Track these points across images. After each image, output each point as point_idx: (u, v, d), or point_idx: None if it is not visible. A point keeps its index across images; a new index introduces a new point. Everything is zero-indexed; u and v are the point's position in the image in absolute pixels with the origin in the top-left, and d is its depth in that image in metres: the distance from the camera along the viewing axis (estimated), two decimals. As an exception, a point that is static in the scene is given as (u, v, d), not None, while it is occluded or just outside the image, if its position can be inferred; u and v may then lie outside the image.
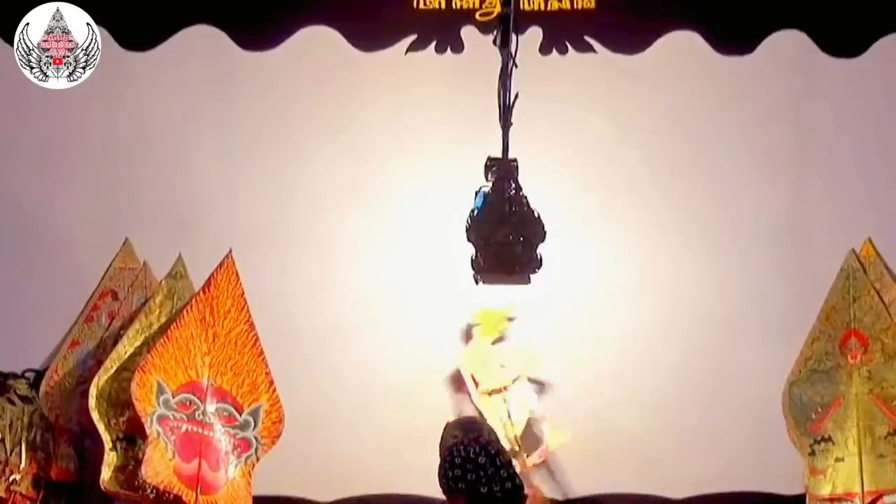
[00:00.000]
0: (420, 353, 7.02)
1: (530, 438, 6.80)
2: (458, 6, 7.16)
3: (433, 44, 7.17)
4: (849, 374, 6.15)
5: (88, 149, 7.14)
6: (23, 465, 6.47)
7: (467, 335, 6.95)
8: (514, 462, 6.31)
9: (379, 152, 7.13)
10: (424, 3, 7.17)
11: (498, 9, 5.81)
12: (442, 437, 5.35)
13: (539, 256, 5.43)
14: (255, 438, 6.15)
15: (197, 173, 7.13)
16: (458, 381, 6.93)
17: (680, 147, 7.19)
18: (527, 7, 6.98)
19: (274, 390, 6.20)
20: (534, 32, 7.03)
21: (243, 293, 6.20)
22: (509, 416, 6.71)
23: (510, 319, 6.91)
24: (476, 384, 6.80)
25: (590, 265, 7.12)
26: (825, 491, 6.11)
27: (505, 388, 6.75)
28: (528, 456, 6.67)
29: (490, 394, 6.77)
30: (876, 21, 7.17)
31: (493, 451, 4.39)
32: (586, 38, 7.17)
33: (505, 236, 5.39)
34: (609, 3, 7.17)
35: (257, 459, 6.17)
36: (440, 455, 5.26)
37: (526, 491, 5.72)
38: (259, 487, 6.31)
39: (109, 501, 6.29)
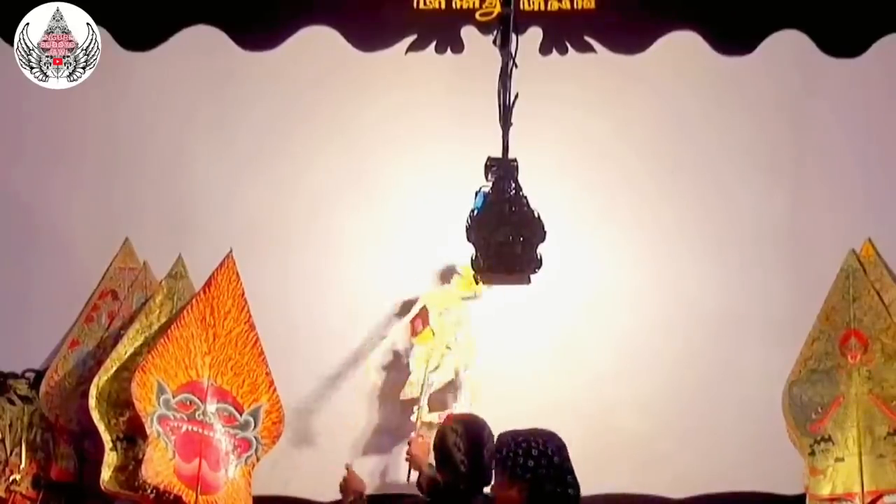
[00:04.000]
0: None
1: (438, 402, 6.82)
2: (458, 6, 7.16)
3: (433, 44, 7.17)
4: (849, 374, 6.15)
5: (88, 149, 7.14)
6: (23, 465, 6.47)
7: (443, 277, 6.95)
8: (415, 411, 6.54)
9: (379, 152, 7.13)
10: (424, 3, 7.17)
11: (498, 9, 5.79)
12: (442, 429, 5.33)
13: (539, 256, 5.41)
14: (256, 438, 6.16)
15: (197, 173, 7.13)
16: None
17: (680, 147, 7.19)
18: (527, 7, 6.99)
19: (274, 390, 6.21)
20: (534, 32, 7.03)
21: (244, 293, 6.20)
22: (426, 368, 6.77)
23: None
24: (422, 326, 6.80)
25: (590, 265, 7.12)
26: (825, 491, 6.11)
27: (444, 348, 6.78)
28: (428, 411, 6.69)
29: (422, 341, 6.80)
30: (876, 21, 7.17)
31: (566, 455, 4.36)
32: (586, 38, 7.18)
33: (505, 236, 5.37)
34: (609, 3, 7.17)
35: (257, 459, 6.18)
36: (435, 448, 5.26)
37: (413, 436, 5.72)
38: (259, 487, 6.32)
39: (109, 501, 6.29)
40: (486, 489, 5.02)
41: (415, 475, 5.92)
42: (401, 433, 6.88)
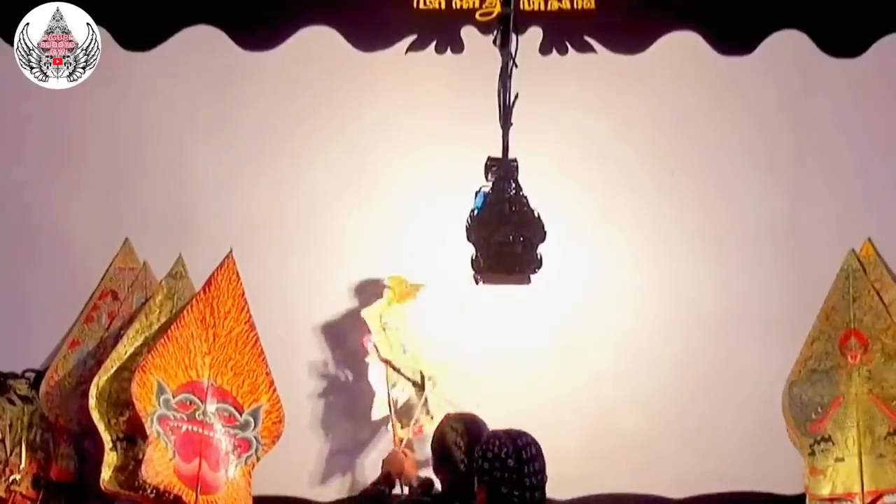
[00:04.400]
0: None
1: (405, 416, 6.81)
2: (458, 6, 7.16)
3: (433, 44, 7.17)
4: (849, 374, 6.15)
5: (88, 149, 7.14)
6: (23, 465, 6.47)
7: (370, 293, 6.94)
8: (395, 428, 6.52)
9: (379, 152, 7.13)
10: (424, 3, 7.17)
11: (498, 9, 5.80)
12: (441, 428, 5.33)
13: (539, 256, 5.43)
14: (256, 438, 6.16)
15: (197, 173, 7.13)
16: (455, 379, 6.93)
17: (680, 147, 7.19)
18: (527, 7, 6.98)
19: (274, 390, 6.21)
20: (534, 32, 7.03)
21: (244, 293, 6.21)
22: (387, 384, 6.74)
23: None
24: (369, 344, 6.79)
25: (590, 265, 7.12)
26: (825, 491, 6.12)
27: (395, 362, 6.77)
28: (402, 427, 6.68)
29: (374, 360, 6.77)
30: (876, 21, 7.17)
31: (525, 457, 4.38)
32: (586, 38, 7.17)
33: (505, 236, 5.38)
34: (609, 3, 7.17)
35: (257, 459, 6.18)
36: (434, 447, 5.26)
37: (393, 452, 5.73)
38: (259, 487, 6.32)
39: (109, 501, 6.29)
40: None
41: (406, 489, 5.96)
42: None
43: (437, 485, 5.44)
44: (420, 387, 6.79)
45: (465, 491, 5.06)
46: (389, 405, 6.69)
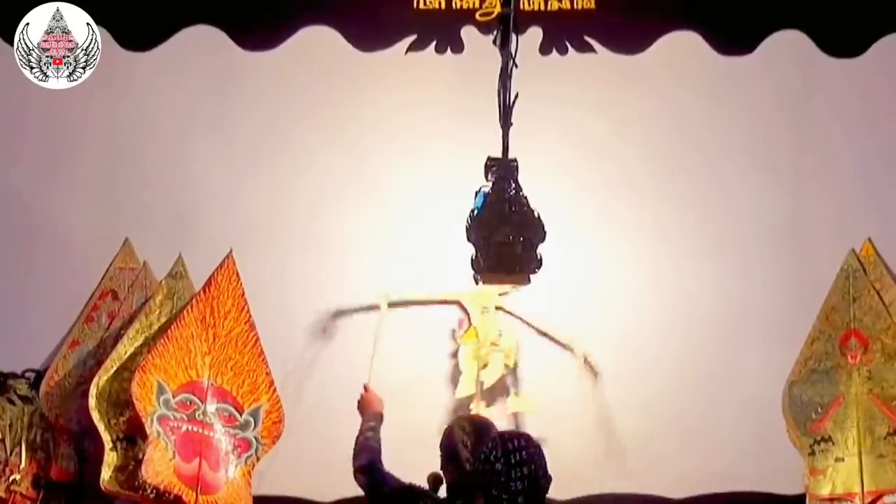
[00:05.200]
0: (419, 352, 7.02)
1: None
2: (458, 6, 7.16)
3: (433, 44, 7.17)
4: (849, 374, 6.15)
5: (88, 149, 7.14)
6: (23, 465, 6.47)
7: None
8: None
9: (379, 152, 7.13)
10: (424, 3, 7.17)
11: (498, 9, 5.80)
12: (452, 428, 5.34)
13: (539, 256, 5.42)
14: (256, 438, 6.16)
15: (197, 173, 7.13)
16: (456, 379, 6.95)
17: (680, 147, 7.19)
18: (527, 7, 6.99)
19: (274, 390, 6.21)
20: (534, 32, 7.03)
21: (244, 293, 6.20)
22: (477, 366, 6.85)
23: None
24: (467, 324, 6.90)
25: (590, 265, 7.12)
26: (825, 491, 6.12)
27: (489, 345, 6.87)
28: (486, 406, 6.76)
29: (467, 340, 6.88)
30: (876, 21, 7.17)
31: (514, 461, 4.37)
32: (586, 38, 7.18)
33: (505, 236, 5.38)
34: (609, 3, 7.17)
35: (257, 459, 6.18)
36: (442, 445, 5.27)
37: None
38: (259, 487, 6.32)
39: (109, 501, 6.29)
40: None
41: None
42: (401, 432, 6.88)
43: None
44: (512, 370, 6.88)
45: (470, 489, 5.06)
46: (476, 384, 6.75)
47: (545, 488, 4.40)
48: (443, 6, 7.17)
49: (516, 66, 5.47)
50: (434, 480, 5.46)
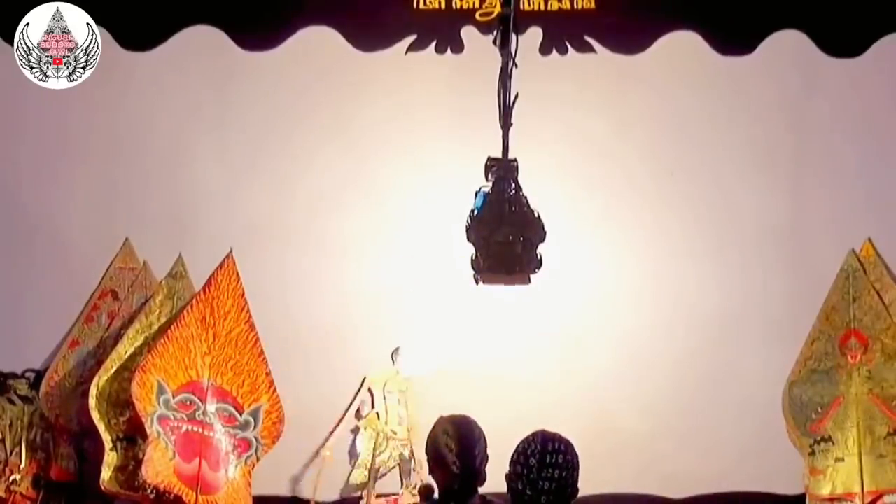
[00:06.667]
0: (419, 352, 7.01)
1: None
2: (458, 6, 7.16)
3: (433, 44, 7.17)
4: (849, 374, 6.15)
5: (88, 149, 7.14)
6: (23, 465, 6.47)
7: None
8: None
9: (379, 152, 7.13)
10: (424, 3, 7.17)
11: (498, 9, 5.80)
12: (434, 430, 5.33)
13: (539, 256, 5.42)
14: (256, 438, 6.16)
15: (197, 173, 7.13)
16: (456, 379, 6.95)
17: (680, 147, 7.19)
18: (527, 7, 6.99)
19: (274, 390, 6.21)
20: (534, 32, 7.03)
21: (244, 293, 6.21)
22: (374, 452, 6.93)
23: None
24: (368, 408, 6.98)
25: (590, 265, 7.12)
26: (825, 491, 6.12)
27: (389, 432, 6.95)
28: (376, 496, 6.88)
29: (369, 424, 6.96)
30: (876, 21, 7.17)
31: (548, 461, 4.36)
32: (586, 38, 7.18)
33: (505, 236, 5.38)
34: (609, 3, 7.17)
35: (257, 459, 6.18)
36: (428, 452, 5.26)
37: None
38: (259, 487, 6.32)
39: (109, 501, 6.29)
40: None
41: None
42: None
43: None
44: (407, 459, 6.93)
45: (459, 492, 5.05)
46: (370, 472, 6.83)
47: (571, 498, 4.38)
48: (443, 6, 7.17)
49: (516, 66, 5.47)
50: (426, 490, 5.45)
